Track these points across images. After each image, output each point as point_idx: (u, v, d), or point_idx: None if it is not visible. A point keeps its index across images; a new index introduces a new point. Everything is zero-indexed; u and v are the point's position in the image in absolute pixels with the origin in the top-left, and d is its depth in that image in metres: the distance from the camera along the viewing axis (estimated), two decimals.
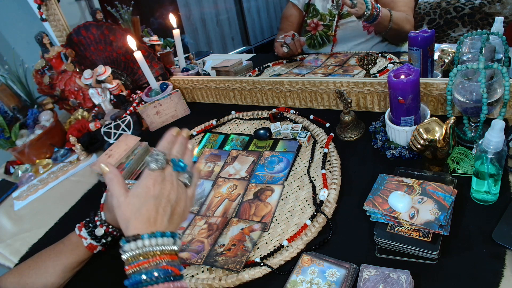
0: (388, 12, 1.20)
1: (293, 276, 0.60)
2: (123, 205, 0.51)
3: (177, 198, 0.53)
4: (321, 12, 1.40)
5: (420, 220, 0.59)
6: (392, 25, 1.21)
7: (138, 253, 0.46)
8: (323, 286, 0.57)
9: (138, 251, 0.47)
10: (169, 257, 0.48)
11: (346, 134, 0.89)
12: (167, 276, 0.46)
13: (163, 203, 0.51)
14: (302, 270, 0.60)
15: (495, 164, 0.59)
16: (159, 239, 0.48)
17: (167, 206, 0.51)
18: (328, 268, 0.59)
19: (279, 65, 1.37)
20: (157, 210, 0.50)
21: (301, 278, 0.59)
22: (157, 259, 0.47)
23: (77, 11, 1.51)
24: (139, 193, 0.51)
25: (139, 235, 0.47)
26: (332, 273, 0.58)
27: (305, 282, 0.59)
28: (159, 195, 0.51)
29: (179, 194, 0.53)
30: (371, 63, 0.99)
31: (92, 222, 0.77)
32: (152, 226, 0.49)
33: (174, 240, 0.50)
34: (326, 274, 0.59)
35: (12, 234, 0.97)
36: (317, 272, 0.59)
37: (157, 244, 0.47)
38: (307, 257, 0.62)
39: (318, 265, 0.60)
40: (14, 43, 1.83)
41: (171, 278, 0.46)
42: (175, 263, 0.48)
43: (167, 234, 0.49)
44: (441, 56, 0.92)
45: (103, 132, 1.18)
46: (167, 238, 0.49)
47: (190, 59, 1.47)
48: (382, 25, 1.21)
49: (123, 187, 0.53)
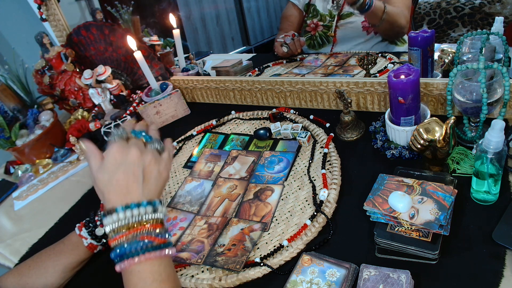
0: (381, 4, 1.19)
1: (293, 276, 0.60)
2: (96, 179, 0.50)
3: (147, 161, 0.51)
4: (321, 12, 1.40)
5: (420, 220, 0.59)
6: (386, 16, 1.20)
7: (118, 226, 0.46)
8: (323, 286, 0.57)
9: (116, 224, 0.46)
10: (152, 226, 0.47)
11: (346, 134, 0.89)
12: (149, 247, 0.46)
13: (132, 168, 0.49)
14: (302, 270, 0.60)
15: (495, 164, 0.59)
16: (134, 210, 0.47)
17: (136, 170, 0.50)
18: (328, 268, 0.59)
19: (279, 65, 1.37)
20: (127, 177, 0.49)
21: (301, 278, 0.59)
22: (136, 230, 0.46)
23: (77, 11, 1.51)
24: (106, 165, 0.50)
25: (113, 208, 0.47)
26: (332, 273, 0.58)
27: (305, 282, 0.58)
28: (125, 161, 0.50)
29: (148, 157, 0.51)
30: (371, 63, 0.99)
31: (92, 221, 0.77)
32: (126, 196, 0.48)
33: (154, 207, 0.49)
34: (326, 274, 0.59)
35: (12, 234, 0.97)
36: (317, 272, 0.59)
37: (133, 215, 0.47)
38: (307, 257, 0.62)
39: (318, 265, 0.60)
40: (14, 43, 1.83)
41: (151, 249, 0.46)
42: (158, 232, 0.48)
43: (143, 203, 0.48)
44: (441, 56, 0.92)
45: (103, 132, 1.18)
46: (143, 207, 0.48)
47: (190, 59, 1.47)
48: (375, 15, 1.20)
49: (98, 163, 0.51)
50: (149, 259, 0.46)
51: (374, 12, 1.19)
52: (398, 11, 1.24)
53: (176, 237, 0.76)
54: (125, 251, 0.46)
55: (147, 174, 0.51)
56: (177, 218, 0.82)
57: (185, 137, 1.10)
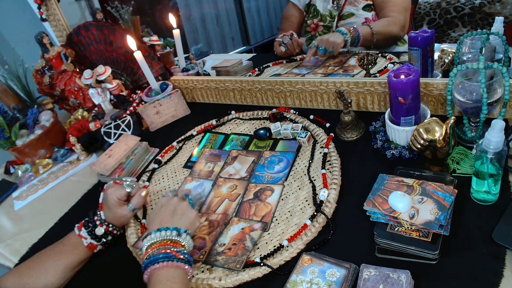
0: (368, 28, 1.22)
1: (293, 276, 0.60)
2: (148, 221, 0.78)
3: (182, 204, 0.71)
4: (321, 12, 1.40)
5: (420, 220, 0.59)
6: (377, 36, 1.23)
7: (149, 244, 0.62)
8: (323, 286, 0.57)
9: (148, 242, 0.63)
10: (172, 244, 0.62)
11: (346, 134, 0.89)
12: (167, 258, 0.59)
13: (170, 207, 0.69)
14: (302, 270, 0.60)
15: (495, 164, 0.59)
16: (162, 232, 0.63)
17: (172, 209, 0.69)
18: (328, 268, 0.59)
19: (279, 65, 1.37)
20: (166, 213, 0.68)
21: (301, 278, 0.59)
22: (160, 245, 0.61)
23: (77, 11, 1.51)
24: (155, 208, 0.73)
25: (150, 232, 0.64)
26: (332, 273, 0.58)
27: (305, 282, 0.58)
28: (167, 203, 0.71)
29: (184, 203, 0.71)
30: (371, 63, 0.99)
31: (91, 221, 0.77)
32: (161, 224, 0.66)
33: (178, 232, 0.64)
34: (326, 274, 0.59)
35: (12, 234, 0.97)
36: (317, 272, 0.59)
37: (161, 236, 0.63)
38: (307, 257, 0.62)
39: (318, 265, 0.60)
40: (14, 43, 1.83)
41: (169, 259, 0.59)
42: (177, 249, 0.62)
43: (170, 228, 0.64)
44: (441, 56, 0.92)
45: (103, 132, 1.18)
46: (169, 231, 0.64)
47: (190, 59, 1.47)
48: (367, 42, 1.23)
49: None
50: (167, 266, 0.59)
51: (365, 39, 1.22)
52: (387, 22, 1.26)
53: None
54: (150, 260, 0.60)
55: (179, 212, 0.69)
56: None
57: (185, 137, 1.10)
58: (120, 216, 0.77)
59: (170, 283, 0.58)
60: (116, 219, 0.78)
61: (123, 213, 0.77)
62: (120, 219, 0.78)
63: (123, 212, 0.77)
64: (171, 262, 0.59)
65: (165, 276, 0.58)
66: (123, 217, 0.78)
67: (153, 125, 1.23)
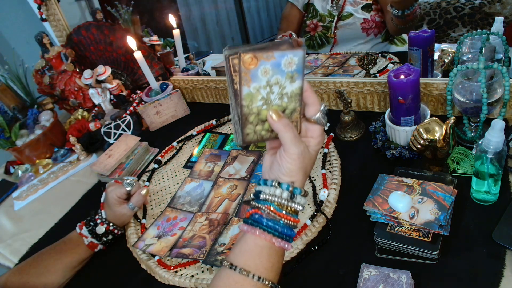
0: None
1: (245, 89, 0.43)
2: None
3: None
4: (320, 13, 1.40)
5: (420, 220, 0.59)
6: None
7: (278, 202, 0.47)
8: (285, 82, 0.44)
9: (276, 198, 0.47)
10: (292, 219, 0.48)
11: (346, 134, 0.89)
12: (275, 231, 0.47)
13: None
14: (251, 76, 0.42)
15: (495, 164, 0.59)
16: (298, 197, 0.48)
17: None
18: (282, 57, 0.43)
19: None
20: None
21: (255, 86, 0.43)
22: (281, 215, 0.47)
23: (77, 11, 1.51)
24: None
25: (293, 188, 0.47)
26: (288, 62, 0.43)
27: (262, 88, 0.44)
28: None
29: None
30: (371, 63, 0.99)
31: (92, 220, 0.77)
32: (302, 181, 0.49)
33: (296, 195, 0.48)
34: (282, 66, 0.43)
35: (12, 234, 0.97)
36: (270, 69, 0.43)
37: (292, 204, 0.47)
38: (248, 55, 0.41)
39: (268, 59, 0.42)
40: (14, 43, 1.83)
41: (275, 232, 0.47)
42: (294, 225, 0.48)
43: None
44: (441, 56, 0.92)
45: (103, 132, 1.18)
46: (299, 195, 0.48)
47: (190, 59, 1.47)
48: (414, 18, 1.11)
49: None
50: (269, 241, 0.47)
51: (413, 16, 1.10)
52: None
53: (177, 237, 0.76)
54: (261, 221, 0.47)
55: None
56: (177, 218, 0.82)
57: (185, 137, 1.10)
58: (120, 214, 0.77)
59: (260, 261, 0.48)
60: (117, 217, 0.78)
61: (123, 211, 0.77)
62: (121, 218, 0.78)
63: (123, 211, 0.77)
64: (277, 239, 0.47)
65: (259, 250, 0.48)
66: (123, 215, 0.78)
67: (153, 125, 1.23)
